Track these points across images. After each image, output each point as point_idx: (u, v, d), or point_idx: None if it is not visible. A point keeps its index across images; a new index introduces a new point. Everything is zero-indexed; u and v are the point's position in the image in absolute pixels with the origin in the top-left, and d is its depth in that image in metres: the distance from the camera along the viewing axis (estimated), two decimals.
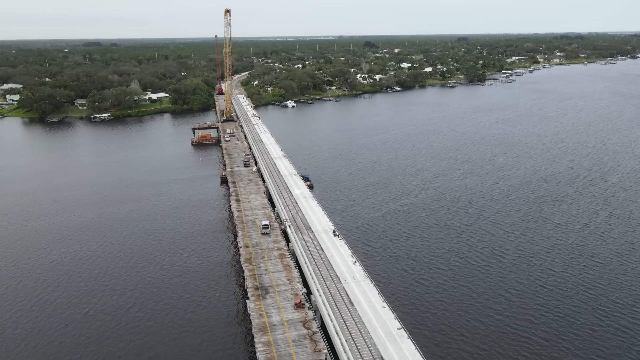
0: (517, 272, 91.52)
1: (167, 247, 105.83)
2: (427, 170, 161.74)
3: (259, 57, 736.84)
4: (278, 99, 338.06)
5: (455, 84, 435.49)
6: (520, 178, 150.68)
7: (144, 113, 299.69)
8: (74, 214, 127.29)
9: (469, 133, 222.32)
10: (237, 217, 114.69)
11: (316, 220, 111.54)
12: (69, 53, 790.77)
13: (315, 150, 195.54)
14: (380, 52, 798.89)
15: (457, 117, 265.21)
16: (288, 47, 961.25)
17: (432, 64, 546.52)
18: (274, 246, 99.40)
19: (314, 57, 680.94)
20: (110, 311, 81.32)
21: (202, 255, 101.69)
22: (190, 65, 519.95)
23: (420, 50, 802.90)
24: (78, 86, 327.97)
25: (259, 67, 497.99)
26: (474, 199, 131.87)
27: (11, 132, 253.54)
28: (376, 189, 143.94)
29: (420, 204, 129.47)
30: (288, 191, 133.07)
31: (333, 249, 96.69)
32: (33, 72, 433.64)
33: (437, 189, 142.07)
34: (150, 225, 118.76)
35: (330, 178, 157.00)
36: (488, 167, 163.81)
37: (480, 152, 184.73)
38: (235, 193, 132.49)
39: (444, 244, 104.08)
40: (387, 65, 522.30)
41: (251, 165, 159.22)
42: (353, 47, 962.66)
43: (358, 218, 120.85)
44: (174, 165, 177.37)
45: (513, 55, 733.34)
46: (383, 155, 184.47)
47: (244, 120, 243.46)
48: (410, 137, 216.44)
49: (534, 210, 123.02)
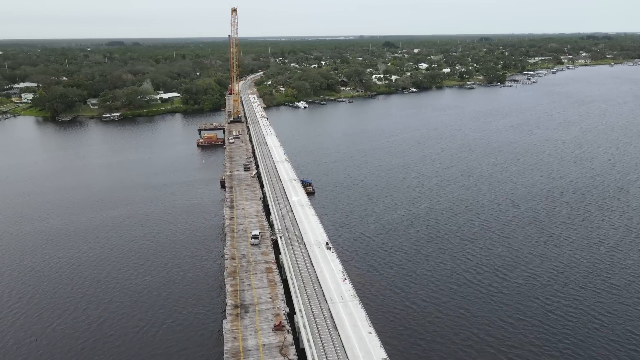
0: (522, 295, 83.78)
1: (151, 256, 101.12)
2: (434, 177, 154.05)
3: (276, 56, 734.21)
4: (290, 99, 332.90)
5: (474, 85, 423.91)
6: (533, 188, 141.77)
7: (154, 113, 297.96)
8: (65, 217, 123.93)
9: (482, 137, 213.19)
10: (227, 226, 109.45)
11: (310, 230, 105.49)
12: (91, 52, 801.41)
13: (321, 153, 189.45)
14: (399, 52, 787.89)
15: (471, 120, 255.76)
16: (306, 47, 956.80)
17: (450, 65, 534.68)
18: (262, 259, 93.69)
19: (332, 57, 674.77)
20: (80, 326, 76.75)
21: (187, 266, 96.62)
22: (205, 65, 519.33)
23: (440, 51, 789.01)
24: (91, 85, 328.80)
25: (273, 67, 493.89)
26: (481, 210, 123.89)
27: (21, 131, 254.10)
28: (379, 196, 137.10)
29: (423, 214, 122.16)
30: (285, 198, 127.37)
31: (324, 263, 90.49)
32: (51, 71, 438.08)
33: (443, 197, 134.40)
34: (139, 231, 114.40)
35: (334, 183, 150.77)
36: (499, 175, 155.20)
37: (492, 159, 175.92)
38: (231, 199, 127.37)
39: (443, 261, 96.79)
40: (405, 66, 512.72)
41: (251, 169, 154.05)
42: (372, 47, 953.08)
43: (356, 228, 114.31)
44: (175, 167, 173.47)
45: (536, 56, 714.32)
46: (390, 159, 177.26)
47: (252, 121, 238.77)
48: (420, 140, 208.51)
49: (545, 223, 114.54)
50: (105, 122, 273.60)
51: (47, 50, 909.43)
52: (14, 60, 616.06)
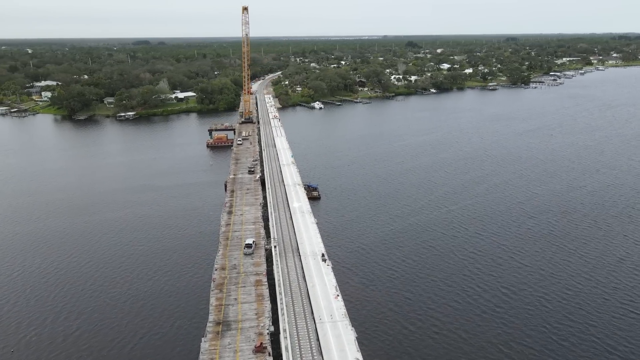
0: (531, 320, 76.72)
1: (141, 263, 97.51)
2: (444, 184, 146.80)
3: (297, 56, 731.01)
4: (306, 99, 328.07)
5: (496, 87, 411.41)
6: (550, 197, 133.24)
7: (169, 112, 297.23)
8: (60, 219, 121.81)
9: (499, 142, 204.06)
10: (222, 233, 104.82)
11: (307, 240, 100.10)
12: (115, 51, 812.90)
13: (332, 156, 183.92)
14: (421, 53, 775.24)
15: (489, 123, 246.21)
16: (328, 47, 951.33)
17: (473, 65, 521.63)
18: (253, 270, 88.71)
19: (353, 57, 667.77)
20: (57, 338, 73.43)
21: (176, 275, 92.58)
22: (224, 64, 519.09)
23: (464, 51, 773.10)
24: (109, 84, 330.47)
25: (292, 67, 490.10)
26: (491, 221, 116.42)
27: (37, 129, 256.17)
28: (385, 203, 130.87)
29: (430, 224, 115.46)
30: (286, 204, 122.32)
31: (317, 277, 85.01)
32: (73, 70, 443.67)
33: (452, 206, 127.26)
34: (133, 236, 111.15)
35: (341, 188, 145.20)
36: (514, 183, 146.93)
37: (508, 165, 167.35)
38: (230, 204, 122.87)
39: (446, 278, 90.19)
40: (426, 66, 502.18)
41: (256, 172, 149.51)
42: (395, 47, 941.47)
43: (357, 238, 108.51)
44: (182, 168, 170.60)
45: (564, 57, 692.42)
46: (402, 164, 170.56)
47: (263, 122, 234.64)
48: (434, 144, 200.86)
49: (560, 238, 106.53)
50: (120, 121, 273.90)
51: (75, 49, 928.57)
52: (40, 59, 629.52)
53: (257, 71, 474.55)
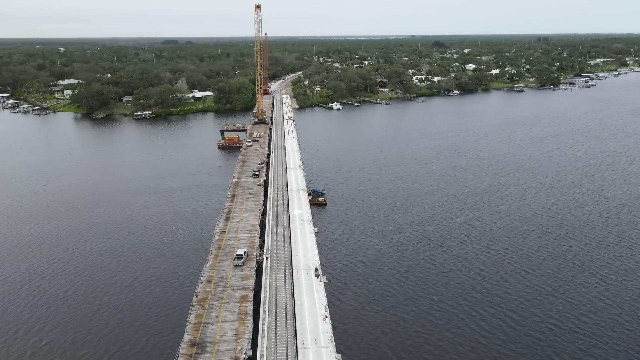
0: (539, 351, 68.61)
1: (127, 271, 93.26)
2: (458, 192, 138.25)
3: (321, 56, 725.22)
4: (325, 100, 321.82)
5: (524, 88, 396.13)
6: (571, 210, 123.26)
7: (185, 112, 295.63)
8: (54, 221, 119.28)
9: (521, 147, 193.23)
10: (215, 241, 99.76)
11: (302, 252, 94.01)
12: (142, 50, 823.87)
13: (343, 159, 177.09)
14: (448, 53, 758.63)
15: (511, 127, 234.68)
16: (353, 47, 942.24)
17: (500, 66, 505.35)
18: (240, 284, 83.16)
19: (377, 57, 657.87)
20: (24, 352, 69.26)
21: (161, 286, 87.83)
22: (246, 63, 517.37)
23: (492, 51, 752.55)
24: (128, 83, 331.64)
25: (312, 66, 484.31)
26: (504, 235, 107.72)
27: (53, 127, 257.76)
28: (394, 211, 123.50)
29: (437, 236, 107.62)
30: (286, 211, 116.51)
31: (307, 294, 78.84)
32: (97, 69, 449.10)
33: (463, 217, 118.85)
34: (123, 241, 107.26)
35: (349, 194, 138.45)
36: (533, 193, 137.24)
37: (528, 173, 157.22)
38: (229, 209, 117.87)
39: (448, 299, 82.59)
40: (451, 67, 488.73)
41: (260, 176, 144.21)
42: (421, 46, 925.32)
43: (358, 250, 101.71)
44: (189, 170, 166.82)
45: (598, 57, 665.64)
46: (414, 169, 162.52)
47: (277, 123, 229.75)
48: (450, 148, 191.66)
49: (579, 256, 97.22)
50: (137, 120, 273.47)
51: (105, 48, 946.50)
52: (69, 57, 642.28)
53: (277, 71, 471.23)
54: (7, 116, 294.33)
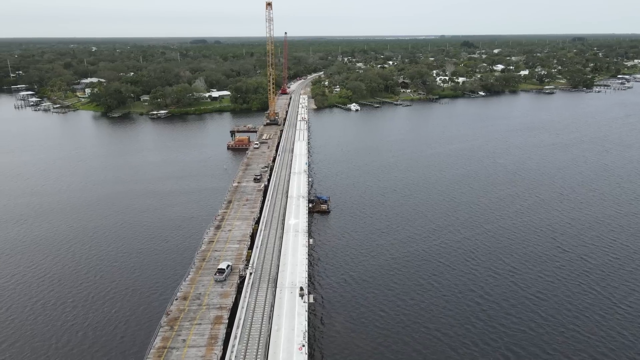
0: None
1: (102, 282, 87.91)
2: (469, 203, 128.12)
3: (345, 55, 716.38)
4: (344, 101, 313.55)
5: (554, 90, 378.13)
6: (594, 225, 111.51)
7: (201, 111, 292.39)
8: (45, 224, 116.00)
9: (544, 154, 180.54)
10: (200, 252, 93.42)
11: (290, 267, 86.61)
12: (168, 50, 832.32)
13: (353, 163, 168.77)
14: (477, 53, 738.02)
15: (536, 132, 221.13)
16: (379, 47, 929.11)
17: (531, 67, 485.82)
18: (217, 302, 76.35)
19: (403, 57, 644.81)
20: None
21: (133, 301, 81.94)
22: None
23: (524, 51, 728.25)
24: (147, 82, 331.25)
25: (334, 66, 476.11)
26: (515, 253, 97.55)
27: (69, 126, 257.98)
28: (400, 222, 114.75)
29: (442, 253, 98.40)
30: (281, 220, 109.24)
31: (287, 317, 71.38)
32: (120, 68, 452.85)
33: (471, 231, 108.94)
34: (108, 248, 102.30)
35: (354, 202, 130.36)
36: (553, 205, 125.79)
37: (549, 182, 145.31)
38: (222, 217, 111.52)
39: (445, 327, 73.65)
40: (478, 67, 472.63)
41: (262, 180, 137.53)
42: (449, 47, 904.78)
43: (355, 265, 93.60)
44: (193, 172, 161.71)
45: (636, 58, 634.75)
46: (427, 175, 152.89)
47: (289, 124, 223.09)
48: (467, 154, 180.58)
49: (599, 281, 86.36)
50: (152, 119, 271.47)
51: (135, 47, 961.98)
52: (97, 56, 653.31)
53: (299, 70, 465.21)
54: (28, 114, 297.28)
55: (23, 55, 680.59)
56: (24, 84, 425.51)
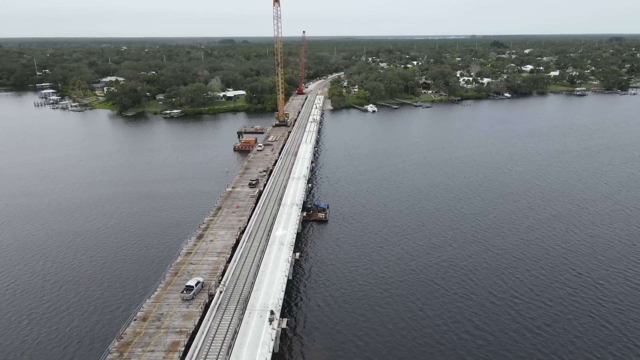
0: None
1: (62, 296, 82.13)
2: (478, 215, 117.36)
3: (370, 55, 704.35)
4: (361, 101, 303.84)
5: (585, 92, 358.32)
6: (612, 246, 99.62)
7: (215, 111, 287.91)
8: (27, 227, 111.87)
9: (566, 162, 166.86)
10: (174, 265, 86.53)
11: (266, 286, 78.67)
12: (193, 49, 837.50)
13: (359, 168, 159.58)
14: (506, 53, 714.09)
15: (559, 137, 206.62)
16: (406, 47, 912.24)
17: (562, 67, 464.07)
18: (179, 325, 69.08)
19: (429, 57, 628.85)
20: None
21: (91, 319, 75.68)
22: (290, 62, 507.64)
23: (556, 52, 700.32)
24: (163, 81, 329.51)
25: (355, 66, 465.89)
26: (520, 278, 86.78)
27: (82, 124, 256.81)
28: (399, 235, 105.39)
29: (440, 273, 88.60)
30: (268, 230, 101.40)
31: (249, 347, 63.45)
32: (141, 67, 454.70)
33: (474, 247, 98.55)
34: (82, 256, 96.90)
35: (355, 210, 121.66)
36: (570, 221, 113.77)
37: (568, 195, 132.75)
38: (207, 225, 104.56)
39: None
40: (506, 68, 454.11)
41: (257, 186, 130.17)
42: (478, 46, 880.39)
43: (337, 286, 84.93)
44: (191, 174, 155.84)
45: None
46: (436, 183, 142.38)
47: (299, 125, 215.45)
48: (483, 159, 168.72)
49: (615, 317, 75.26)
50: (165, 118, 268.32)
51: (163, 47, 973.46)
52: (122, 55, 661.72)
53: (319, 70, 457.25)
54: (46, 112, 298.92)
55: (54, 55, 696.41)
56: (49, 82, 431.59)
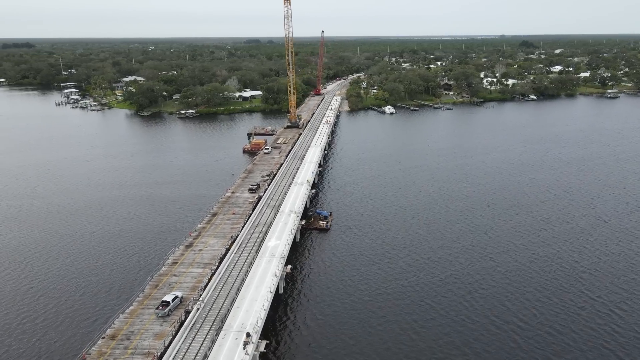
0: None
1: (34, 306, 78.31)
2: (489, 230, 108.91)
3: (394, 55, 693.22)
4: (379, 103, 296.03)
5: (618, 95, 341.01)
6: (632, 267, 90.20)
7: (230, 111, 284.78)
8: (19, 230, 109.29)
9: (589, 170, 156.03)
10: (155, 276, 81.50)
11: (248, 304, 72.91)
12: (217, 49, 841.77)
13: (368, 174, 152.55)
14: (535, 54, 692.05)
15: (585, 142, 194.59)
16: (431, 47, 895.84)
17: (593, 68, 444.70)
18: (148, 345, 63.92)
19: (454, 58, 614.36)
20: None
21: (59, 333, 71.33)
22: (311, 62, 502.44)
23: (588, 52, 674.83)
24: (181, 81, 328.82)
25: (376, 67, 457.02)
26: (527, 300, 78.62)
27: (97, 124, 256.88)
28: (401, 248, 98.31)
29: (438, 293, 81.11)
30: (260, 240, 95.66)
31: None
32: (162, 67, 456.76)
33: (481, 265, 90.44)
34: (65, 262, 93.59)
35: (360, 219, 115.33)
36: (590, 238, 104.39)
37: (587, 208, 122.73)
38: (199, 233, 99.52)
39: None
40: (533, 68, 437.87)
41: (258, 191, 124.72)
42: (506, 46, 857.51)
43: (324, 306, 78.52)
44: (197, 176, 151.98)
45: None
46: (446, 191, 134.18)
47: (311, 127, 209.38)
48: (500, 166, 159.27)
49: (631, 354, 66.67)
50: (180, 118, 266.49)
51: (188, 47, 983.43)
52: (147, 55, 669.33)
53: (339, 70, 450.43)
54: (66, 111, 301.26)
55: (81, 54, 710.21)
56: (73, 81, 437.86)
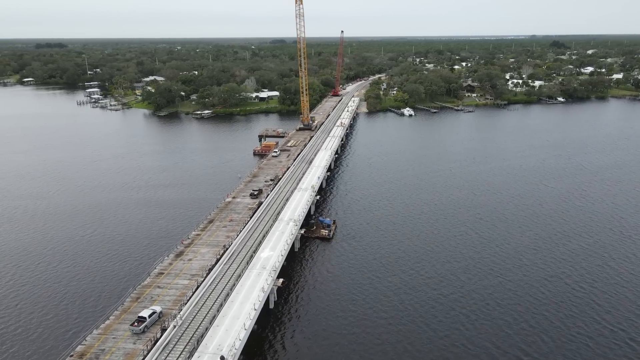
0: None
1: (13, 315, 75.44)
2: (499, 243, 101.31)
3: (418, 56, 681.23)
4: (399, 104, 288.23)
5: None
6: None
7: (247, 112, 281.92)
8: (12, 232, 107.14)
9: (614, 179, 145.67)
10: (139, 287, 77.52)
11: (229, 321, 68.09)
12: (241, 49, 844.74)
13: (378, 179, 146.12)
14: (566, 54, 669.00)
15: (612, 148, 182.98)
16: (457, 47, 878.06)
17: (627, 70, 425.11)
18: None
19: (481, 58, 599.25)
20: None
21: (29, 347, 67.83)
22: (333, 62, 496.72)
23: (623, 52, 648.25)
24: (199, 81, 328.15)
25: (397, 67, 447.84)
26: (537, 330, 71.30)
27: (114, 123, 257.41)
28: (404, 262, 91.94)
29: (439, 314, 74.48)
30: (253, 250, 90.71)
31: None
32: (182, 67, 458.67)
33: (488, 282, 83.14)
34: (50, 266, 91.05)
35: (366, 228, 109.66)
36: (603, 254, 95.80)
37: (608, 221, 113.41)
38: (191, 241, 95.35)
39: None
40: (563, 70, 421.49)
41: (259, 197, 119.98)
42: (536, 47, 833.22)
43: (317, 323, 72.96)
44: (202, 179, 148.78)
45: None
46: (457, 200, 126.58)
47: (324, 130, 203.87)
48: (515, 174, 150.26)
49: None
50: (196, 119, 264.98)
51: (214, 47, 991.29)
52: (171, 55, 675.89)
53: (360, 71, 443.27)
54: (85, 110, 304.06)
55: (109, 54, 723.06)
56: (97, 81, 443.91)
